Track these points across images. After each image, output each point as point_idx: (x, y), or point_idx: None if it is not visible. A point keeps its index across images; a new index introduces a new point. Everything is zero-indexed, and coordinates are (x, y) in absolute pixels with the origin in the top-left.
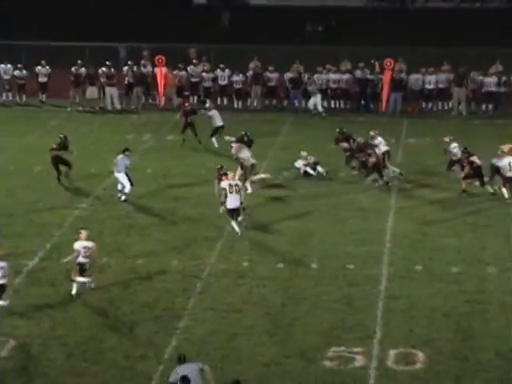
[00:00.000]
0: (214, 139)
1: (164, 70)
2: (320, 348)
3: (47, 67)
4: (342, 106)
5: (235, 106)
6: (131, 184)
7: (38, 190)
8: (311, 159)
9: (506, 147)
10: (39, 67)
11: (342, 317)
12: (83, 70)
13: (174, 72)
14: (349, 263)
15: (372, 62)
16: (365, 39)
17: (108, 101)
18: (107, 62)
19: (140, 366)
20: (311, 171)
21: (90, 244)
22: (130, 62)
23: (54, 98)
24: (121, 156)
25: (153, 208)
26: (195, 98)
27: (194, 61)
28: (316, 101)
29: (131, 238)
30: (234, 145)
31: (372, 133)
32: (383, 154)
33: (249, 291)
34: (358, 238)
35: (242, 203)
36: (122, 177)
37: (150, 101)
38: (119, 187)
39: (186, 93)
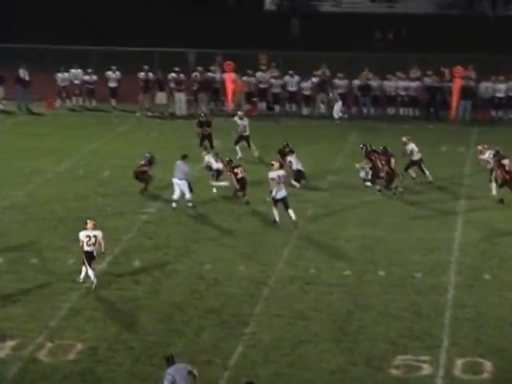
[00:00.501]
0: (237, 147)
1: (233, 75)
2: (387, 356)
3: (117, 72)
4: (411, 113)
5: (303, 112)
6: (191, 190)
7: (106, 195)
8: (367, 168)
9: None
10: (109, 72)
11: (409, 325)
12: (150, 75)
13: (243, 78)
14: (416, 271)
15: (442, 69)
16: (434, 46)
17: (177, 106)
18: (176, 68)
19: (206, 372)
20: (367, 182)
21: (94, 233)
22: (199, 68)
23: (123, 103)
24: (179, 162)
25: (221, 213)
26: (263, 104)
27: (263, 67)
28: (336, 107)
29: (199, 243)
30: (292, 159)
31: (404, 139)
32: (416, 161)
33: (316, 298)
34: (425, 247)
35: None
36: (182, 184)
37: (220, 106)
38: (175, 196)
39: (255, 99)
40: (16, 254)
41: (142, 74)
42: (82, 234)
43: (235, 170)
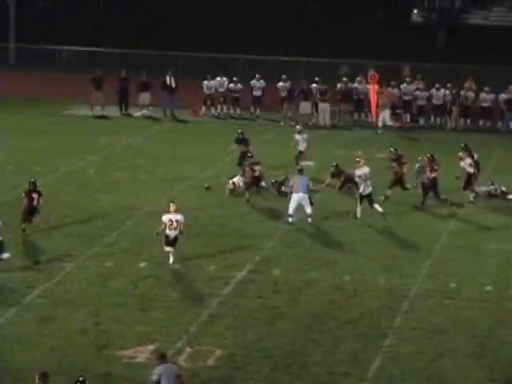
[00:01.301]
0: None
1: (377, 87)
2: None
3: (261, 81)
4: None
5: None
6: (311, 203)
7: (247, 203)
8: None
9: None
10: (254, 81)
11: None
12: (287, 84)
13: (388, 89)
14: None
15: None
16: None
17: (320, 116)
18: (316, 78)
19: (343, 383)
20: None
21: (177, 217)
22: (344, 79)
23: (267, 112)
24: (298, 176)
25: (363, 225)
26: (408, 116)
27: (407, 79)
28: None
29: (339, 254)
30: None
31: (420, 158)
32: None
33: (455, 312)
34: None
35: None
36: (304, 198)
37: (363, 117)
38: (290, 210)
39: (399, 111)
40: (158, 260)
41: (280, 84)
42: (165, 218)
43: (254, 168)
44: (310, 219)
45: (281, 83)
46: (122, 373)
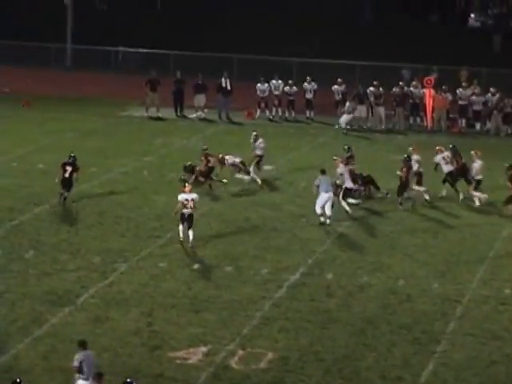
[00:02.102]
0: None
1: (432, 91)
2: None
3: (313, 83)
4: None
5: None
6: (332, 206)
7: (302, 205)
8: None
9: None
10: (305, 83)
11: None
12: (342, 87)
13: (443, 94)
14: None
15: None
16: None
17: (376, 120)
18: (375, 82)
19: None
20: None
21: (192, 196)
22: (401, 83)
23: (321, 115)
24: (323, 176)
25: (416, 230)
26: (463, 121)
27: (464, 84)
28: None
29: (393, 258)
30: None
31: (411, 148)
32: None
33: (510, 318)
34: None
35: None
36: (328, 197)
37: (418, 122)
38: (318, 209)
39: (454, 115)
40: (212, 261)
41: (335, 87)
42: (181, 197)
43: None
44: (328, 221)
45: (335, 86)
46: (173, 374)
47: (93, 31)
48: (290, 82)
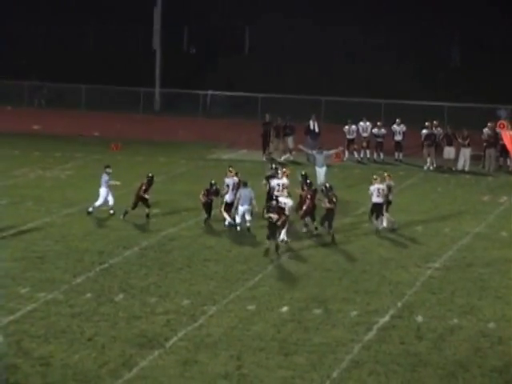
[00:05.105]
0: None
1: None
2: None
3: (402, 125)
4: None
5: None
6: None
7: (389, 248)
8: None
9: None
10: (394, 125)
11: None
12: (434, 130)
13: None
14: None
15: None
16: None
17: (461, 161)
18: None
19: None
20: None
21: (236, 179)
22: (489, 124)
23: (410, 157)
24: (241, 189)
25: (508, 271)
26: None
27: None
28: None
29: (483, 300)
30: None
31: (386, 174)
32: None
33: None
34: None
35: None
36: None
37: (509, 163)
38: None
39: None
40: (300, 304)
41: (424, 132)
42: (228, 180)
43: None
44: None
45: (424, 130)
46: None
47: (181, 75)
48: (379, 123)
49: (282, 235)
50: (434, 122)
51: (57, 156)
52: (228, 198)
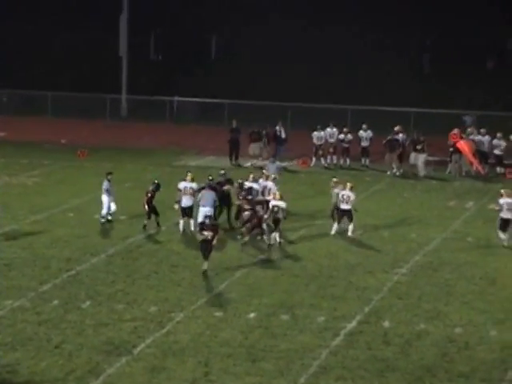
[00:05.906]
0: None
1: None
2: None
3: (369, 131)
4: None
5: None
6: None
7: (357, 253)
8: None
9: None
10: (361, 131)
11: None
12: (400, 135)
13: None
14: None
15: None
16: None
17: (420, 167)
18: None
19: None
20: None
21: (192, 185)
22: (469, 130)
23: (376, 163)
24: (204, 191)
25: (474, 276)
26: None
27: None
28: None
29: (450, 305)
30: None
31: (335, 179)
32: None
33: None
34: None
35: None
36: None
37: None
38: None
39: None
40: (268, 310)
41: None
42: (181, 185)
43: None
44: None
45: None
46: None
47: (148, 81)
48: (345, 129)
49: (278, 238)
50: (396, 128)
51: (23, 163)
52: (183, 203)
